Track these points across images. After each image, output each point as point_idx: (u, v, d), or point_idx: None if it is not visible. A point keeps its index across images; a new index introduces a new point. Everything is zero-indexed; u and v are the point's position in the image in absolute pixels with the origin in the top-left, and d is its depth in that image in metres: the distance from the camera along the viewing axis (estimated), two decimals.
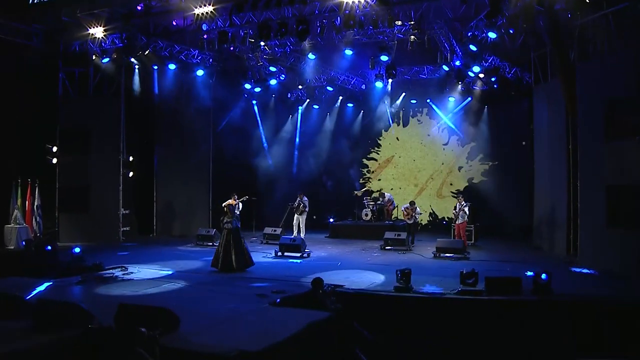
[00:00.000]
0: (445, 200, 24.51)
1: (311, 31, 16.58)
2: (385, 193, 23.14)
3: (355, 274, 13.69)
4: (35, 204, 18.78)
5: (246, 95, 23.70)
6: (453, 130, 24.22)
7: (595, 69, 15.00)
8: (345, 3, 15.79)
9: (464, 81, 20.93)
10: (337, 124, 25.94)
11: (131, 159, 21.76)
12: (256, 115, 25.30)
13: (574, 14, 15.15)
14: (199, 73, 20.55)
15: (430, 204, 24.51)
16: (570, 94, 16.41)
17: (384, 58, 18.24)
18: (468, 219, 18.60)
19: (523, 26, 15.62)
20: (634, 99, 13.44)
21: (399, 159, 25.55)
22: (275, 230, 20.19)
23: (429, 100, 24.09)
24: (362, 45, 19.41)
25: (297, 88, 24.51)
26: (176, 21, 18.57)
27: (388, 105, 24.58)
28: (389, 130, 25.59)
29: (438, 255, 16.60)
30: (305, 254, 16.83)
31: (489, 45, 16.84)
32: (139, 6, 17.50)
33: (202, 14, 16.88)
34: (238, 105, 23.85)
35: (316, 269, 14.58)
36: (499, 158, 23.26)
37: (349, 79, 23.04)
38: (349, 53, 18.80)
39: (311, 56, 19.52)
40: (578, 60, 15.58)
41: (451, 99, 23.42)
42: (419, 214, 19.69)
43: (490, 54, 19.98)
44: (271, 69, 20.39)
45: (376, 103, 24.58)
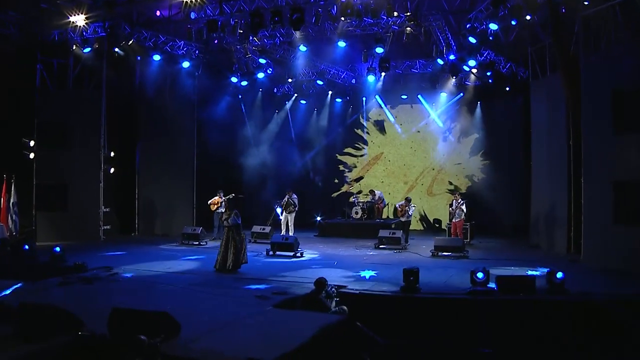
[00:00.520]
0: (435, 198, 24.00)
1: (306, 20, 15.87)
2: (376, 191, 22.53)
3: (355, 274, 13.02)
4: (11, 201, 17.78)
5: (232, 89, 22.87)
6: (444, 126, 23.66)
7: (601, 61, 14.57)
8: None
9: (458, 75, 20.48)
10: (326, 119, 25.25)
11: (112, 154, 20.75)
12: (242, 110, 24.48)
13: (579, 5, 14.67)
14: (185, 65, 19.65)
15: (421, 202, 23.94)
16: (572, 87, 15.99)
17: (379, 50, 17.66)
18: (465, 216, 18.07)
19: (526, 17, 15.12)
20: None
21: (388, 156, 24.95)
22: (264, 229, 19.50)
23: (420, 96, 23.50)
24: (356, 37, 18.83)
25: (285, 83, 23.84)
26: (161, 11, 17.77)
27: (378, 100, 23.92)
28: (378, 126, 24.92)
29: (436, 253, 16.03)
30: (298, 254, 16.11)
31: (490, 37, 16.19)
32: None
33: (190, 1, 16.11)
34: (224, 100, 23.05)
35: (312, 268, 13.97)
36: (492, 155, 22.79)
37: (339, 73, 22.36)
38: (342, 45, 18.19)
39: (302, 48, 18.91)
40: (583, 52, 15.11)
41: (443, 95, 22.89)
42: (412, 208, 19.02)
43: (485, 48, 19.49)
44: (260, 61, 19.60)
45: (366, 98, 23.97)
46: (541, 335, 9.95)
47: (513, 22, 15.46)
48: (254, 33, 16.74)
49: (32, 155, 19.22)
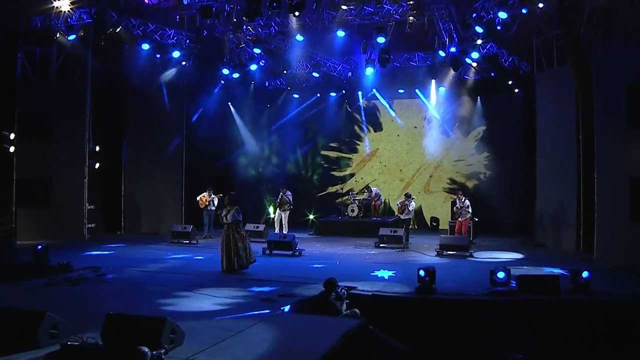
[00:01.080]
0: (432, 195, 23.27)
1: (305, 7, 15.03)
2: (372, 187, 21.74)
3: (362, 274, 12.22)
4: None
5: (223, 82, 21.94)
6: (442, 122, 22.92)
7: (614, 54, 13.99)
8: None
9: (459, 69, 19.74)
10: (319, 114, 24.34)
11: (97, 149, 19.72)
12: (233, 103, 23.54)
13: None
14: (175, 54, 18.64)
15: (418, 199, 23.12)
16: (582, 81, 15.37)
17: (381, 40, 16.87)
18: (470, 215, 17.38)
19: (539, 5, 14.45)
20: None
21: (384, 152, 24.15)
22: (257, 227, 18.67)
23: (417, 90, 22.72)
24: (354, 28, 18.06)
25: (277, 75, 22.94)
26: None
27: (377, 95, 23.11)
28: (373, 121, 24.12)
29: (441, 252, 15.29)
30: (297, 252, 15.27)
31: (498, 26, 15.50)
32: None
33: None
34: (214, 93, 22.09)
35: (314, 268, 13.17)
36: (492, 151, 22.09)
37: (335, 66, 21.50)
38: (341, 35, 17.41)
39: (299, 37, 18.09)
40: (594, 44, 14.47)
41: (441, 89, 22.13)
42: (413, 205, 18.27)
43: (488, 41, 18.79)
44: (255, 51, 18.65)
45: (362, 92, 23.13)
46: (570, 338, 9.27)
47: (524, 11, 14.78)
48: (250, 19, 15.87)
49: (12, 149, 18.06)
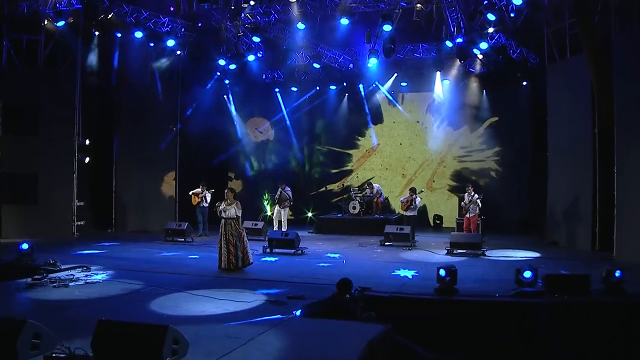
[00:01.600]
0: (435, 192, 22.45)
1: None
2: (374, 184, 20.92)
3: (375, 274, 11.41)
4: None
5: (219, 74, 21.05)
6: (446, 115, 22.10)
7: (636, 40, 13.21)
8: None
9: (465, 60, 18.97)
10: (319, 108, 23.49)
11: (87, 142, 18.83)
12: (229, 96, 22.64)
13: None
14: (170, 43, 17.72)
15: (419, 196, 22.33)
16: (599, 71, 14.65)
17: (387, 28, 16.02)
18: (479, 211, 16.61)
19: None
20: None
21: (385, 147, 23.32)
22: (256, 225, 17.81)
23: (420, 83, 21.90)
24: (358, 16, 17.24)
25: (276, 68, 22.05)
26: None
27: (382, 88, 22.25)
28: (375, 115, 23.28)
29: (452, 251, 14.48)
30: (300, 251, 14.43)
31: (512, 13, 14.75)
32: None
33: None
34: (210, 85, 21.19)
35: (321, 267, 12.38)
36: (498, 146, 21.30)
37: (336, 57, 20.64)
38: (344, 22, 16.59)
39: (300, 26, 17.24)
40: (616, 31, 13.75)
41: (446, 82, 21.34)
42: (419, 200, 17.53)
43: (497, 31, 18.05)
44: (254, 39, 17.80)
45: (363, 85, 22.27)
46: (602, 342, 8.52)
47: None
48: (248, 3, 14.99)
49: None
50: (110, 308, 8.16)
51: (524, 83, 20.15)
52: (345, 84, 22.54)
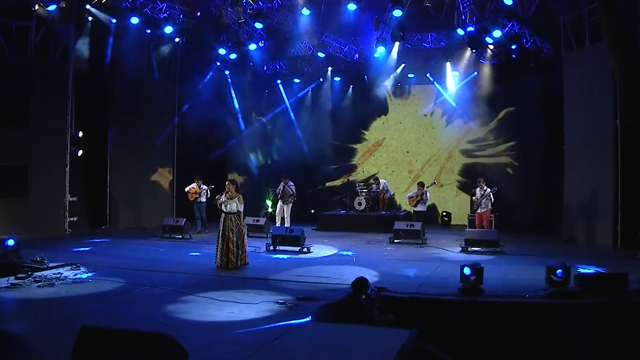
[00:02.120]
0: (443, 188, 21.58)
1: None
2: (380, 179, 20.07)
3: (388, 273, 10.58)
4: None
5: (219, 64, 20.18)
6: (455, 109, 21.27)
7: None
8: None
9: (477, 49, 18.18)
10: (322, 100, 22.60)
11: (80, 134, 17.86)
12: (230, 87, 21.74)
13: None
14: (167, 30, 16.86)
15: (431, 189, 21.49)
16: (621, 59, 13.79)
17: (397, 13, 15.25)
18: (492, 206, 15.79)
19: None
20: None
21: (391, 142, 22.48)
22: (257, 221, 16.95)
23: (428, 75, 21.06)
24: (364, 3, 16.39)
25: (278, 58, 21.17)
26: None
27: (383, 78, 21.38)
28: (380, 108, 22.42)
29: (466, 248, 13.66)
30: (305, 249, 13.58)
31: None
32: None
33: None
34: (209, 75, 20.28)
35: (329, 266, 11.52)
36: (508, 140, 20.47)
37: (341, 46, 19.77)
38: (352, 8, 15.79)
39: (305, 11, 16.43)
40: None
41: (455, 73, 20.47)
42: (429, 194, 16.77)
43: (510, 19, 17.22)
44: (256, 26, 16.94)
45: (369, 76, 21.38)
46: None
47: None
48: None
49: None
50: (99, 311, 7.32)
51: (537, 74, 19.32)
52: (350, 75, 21.66)
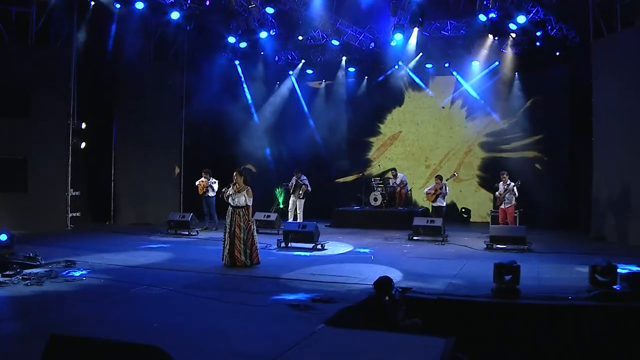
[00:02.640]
0: (462, 184, 20.60)
1: None
2: (399, 173, 19.08)
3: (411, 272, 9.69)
4: None
5: (229, 53, 19.34)
6: (475, 101, 20.26)
7: None
8: None
9: (500, 36, 17.27)
10: (336, 92, 21.67)
11: (83, 126, 17.10)
12: (240, 77, 20.92)
13: None
14: (174, 16, 16.01)
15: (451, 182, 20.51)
16: None
17: None
18: (516, 201, 14.86)
19: None
20: None
21: (408, 135, 21.52)
22: (268, 217, 16.15)
23: (447, 65, 20.07)
24: None
25: (290, 48, 20.26)
26: None
27: (400, 68, 20.43)
28: (397, 100, 21.46)
29: (492, 246, 12.74)
30: (319, 245, 12.72)
31: None
32: None
33: None
34: (218, 64, 19.44)
35: (345, 264, 10.65)
36: (532, 133, 19.43)
37: (357, 35, 18.83)
38: None
39: None
40: None
41: (475, 63, 19.48)
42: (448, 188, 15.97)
43: (534, 5, 16.27)
44: (267, 11, 16.10)
45: (385, 66, 20.42)
46: None
47: None
48: None
49: None
50: (85, 313, 6.50)
51: (562, 63, 18.35)
52: (365, 65, 20.70)
